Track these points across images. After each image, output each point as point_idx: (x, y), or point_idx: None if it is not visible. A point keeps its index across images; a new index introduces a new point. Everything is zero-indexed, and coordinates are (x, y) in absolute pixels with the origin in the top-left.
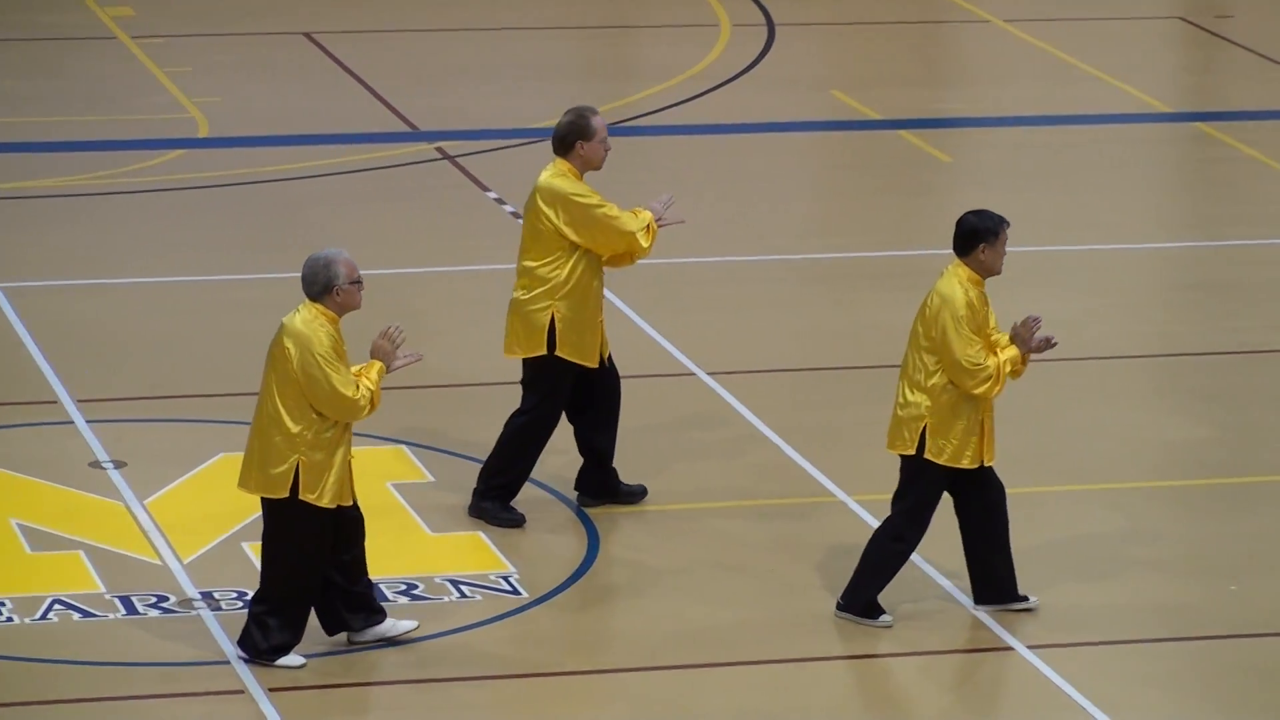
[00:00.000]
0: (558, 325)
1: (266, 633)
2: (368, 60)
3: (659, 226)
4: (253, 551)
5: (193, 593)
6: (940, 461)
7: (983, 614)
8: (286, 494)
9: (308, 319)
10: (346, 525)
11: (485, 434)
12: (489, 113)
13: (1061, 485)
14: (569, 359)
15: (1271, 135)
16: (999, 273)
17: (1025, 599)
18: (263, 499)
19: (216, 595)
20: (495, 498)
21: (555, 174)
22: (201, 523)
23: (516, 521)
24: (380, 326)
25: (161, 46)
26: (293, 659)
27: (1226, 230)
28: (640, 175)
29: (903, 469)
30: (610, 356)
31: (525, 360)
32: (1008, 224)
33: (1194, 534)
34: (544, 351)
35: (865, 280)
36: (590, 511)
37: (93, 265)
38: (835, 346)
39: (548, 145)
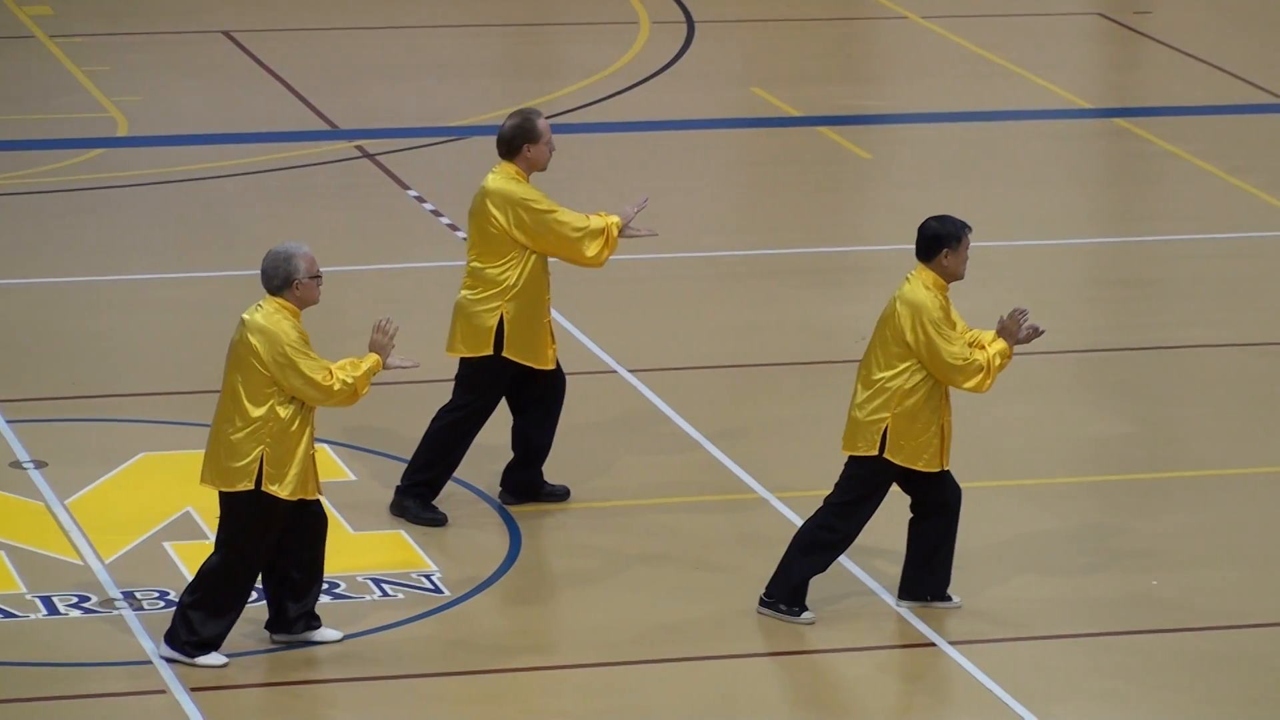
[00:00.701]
0: (506, 326)
1: (192, 626)
2: (287, 59)
3: (629, 236)
4: (175, 551)
5: (114, 592)
6: (898, 461)
7: (905, 610)
8: (251, 486)
9: (270, 313)
10: (309, 520)
11: (407, 432)
12: (409, 111)
13: (983, 481)
14: (515, 360)
15: (1190, 130)
16: (961, 277)
17: (950, 599)
18: (222, 493)
19: (138, 595)
20: (418, 496)
21: (505, 177)
22: (123, 522)
23: (438, 521)
24: (308, 323)
25: (80, 45)
26: (214, 658)
27: (1145, 226)
28: (561, 174)
29: (851, 466)
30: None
31: (464, 359)
32: (970, 229)
33: (1116, 529)
34: (490, 352)
35: (786, 277)
36: (513, 510)
37: (11, 265)
38: (756, 343)
39: (470, 143)
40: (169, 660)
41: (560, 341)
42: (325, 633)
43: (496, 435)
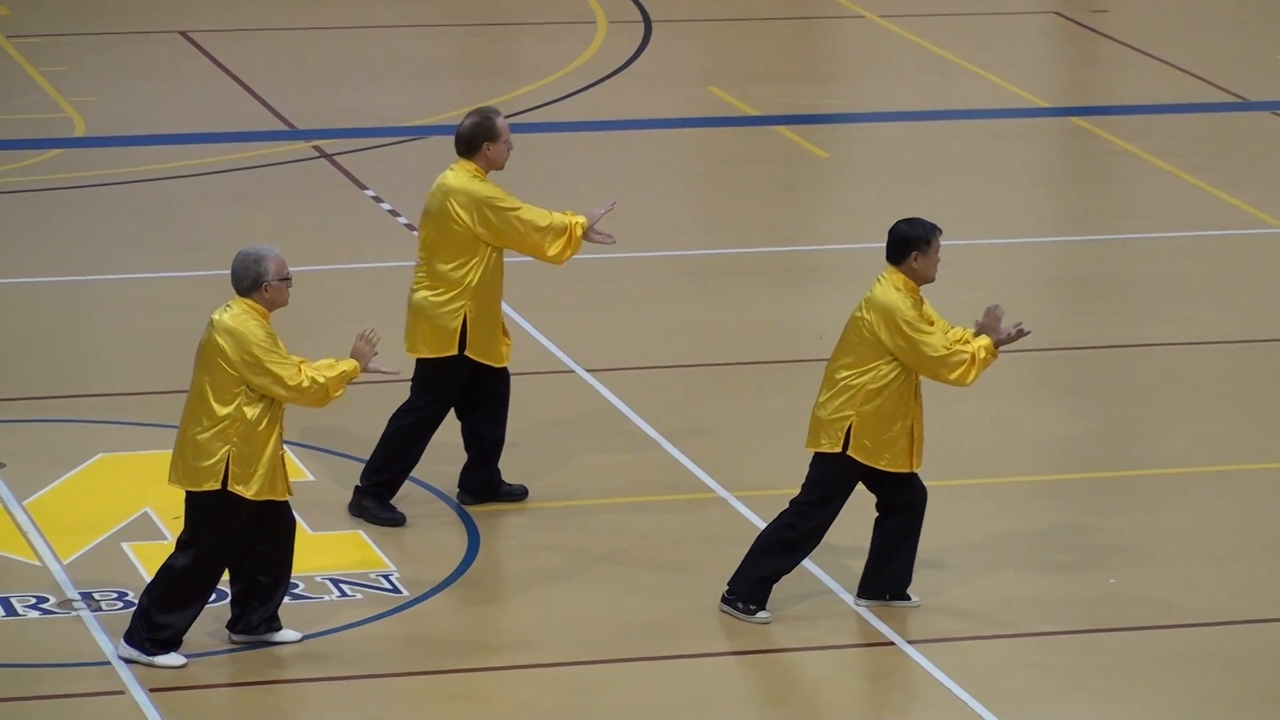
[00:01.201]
0: (469, 326)
1: (153, 625)
2: (245, 59)
3: (591, 240)
4: (133, 552)
5: (73, 593)
6: (860, 458)
7: (864, 609)
8: (217, 486)
9: (238, 314)
10: (277, 522)
11: (366, 432)
12: (367, 111)
13: (944, 480)
14: (476, 359)
15: (1148, 129)
16: (932, 280)
17: (909, 598)
18: (188, 493)
19: (97, 596)
20: (376, 496)
21: (466, 176)
22: (81, 523)
23: (397, 521)
24: (274, 324)
25: (37, 45)
26: (173, 658)
27: (1103, 224)
28: (518, 173)
29: (814, 463)
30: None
31: (422, 359)
32: (939, 231)
33: (1074, 528)
34: (454, 352)
35: (743, 276)
36: (471, 510)
37: None
38: (714, 343)
39: (427, 143)
40: (128, 660)
41: (519, 341)
42: (285, 633)
43: (454, 435)
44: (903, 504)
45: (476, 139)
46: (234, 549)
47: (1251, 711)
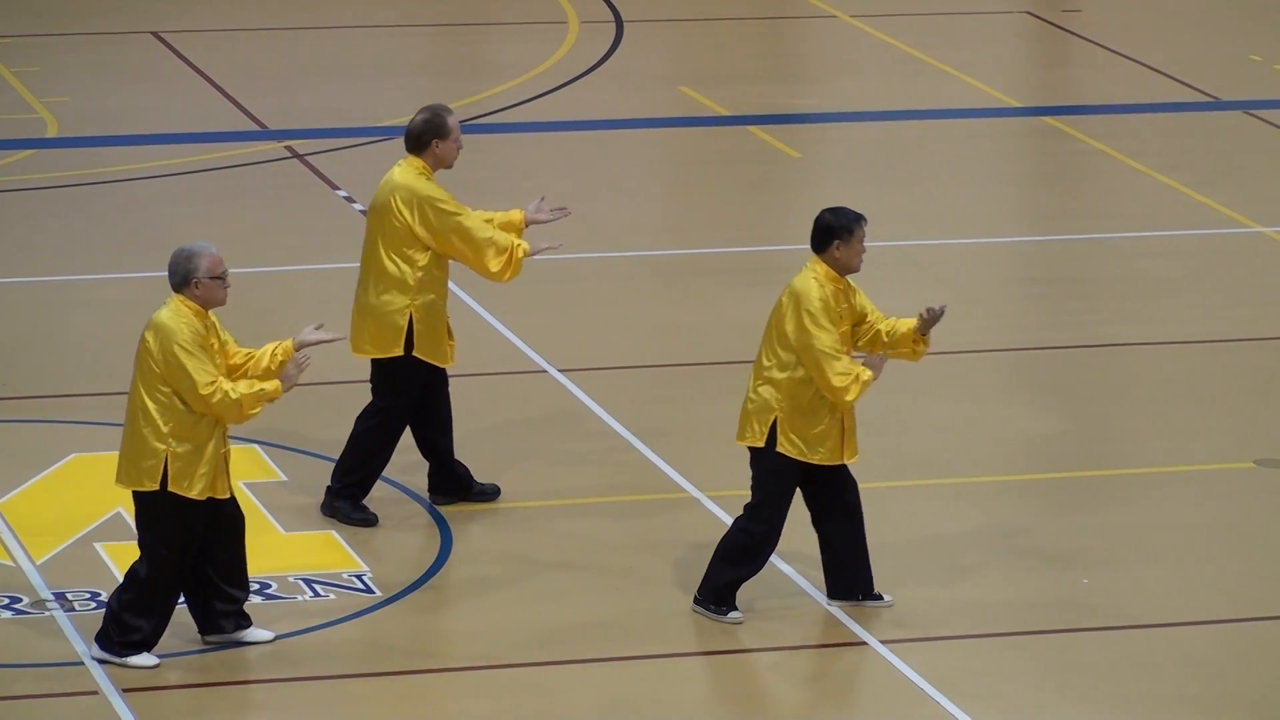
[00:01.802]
0: (415, 326)
1: (124, 628)
2: (216, 59)
3: (532, 255)
4: (106, 552)
5: (46, 594)
6: (791, 455)
7: (837, 609)
8: (157, 486)
9: (170, 311)
10: (224, 522)
11: (337, 432)
12: (338, 111)
13: (913, 480)
14: (425, 359)
15: (1119, 129)
16: (856, 270)
17: (880, 597)
18: (134, 493)
19: (70, 596)
20: (348, 497)
21: (413, 173)
22: (54, 523)
23: (369, 521)
24: (238, 324)
25: (9, 46)
26: (146, 659)
27: (1075, 224)
28: (489, 173)
29: (752, 463)
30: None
31: (376, 361)
32: (864, 221)
33: (1046, 528)
34: (400, 352)
35: (715, 276)
36: (443, 510)
37: None
38: (686, 343)
39: (398, 143)
40: (100, 661)
41: (491, 341)
42: (256, 633)
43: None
44: (838, 505)
45: (426, 135)
46: (189, 549)
47: (1225, 712)
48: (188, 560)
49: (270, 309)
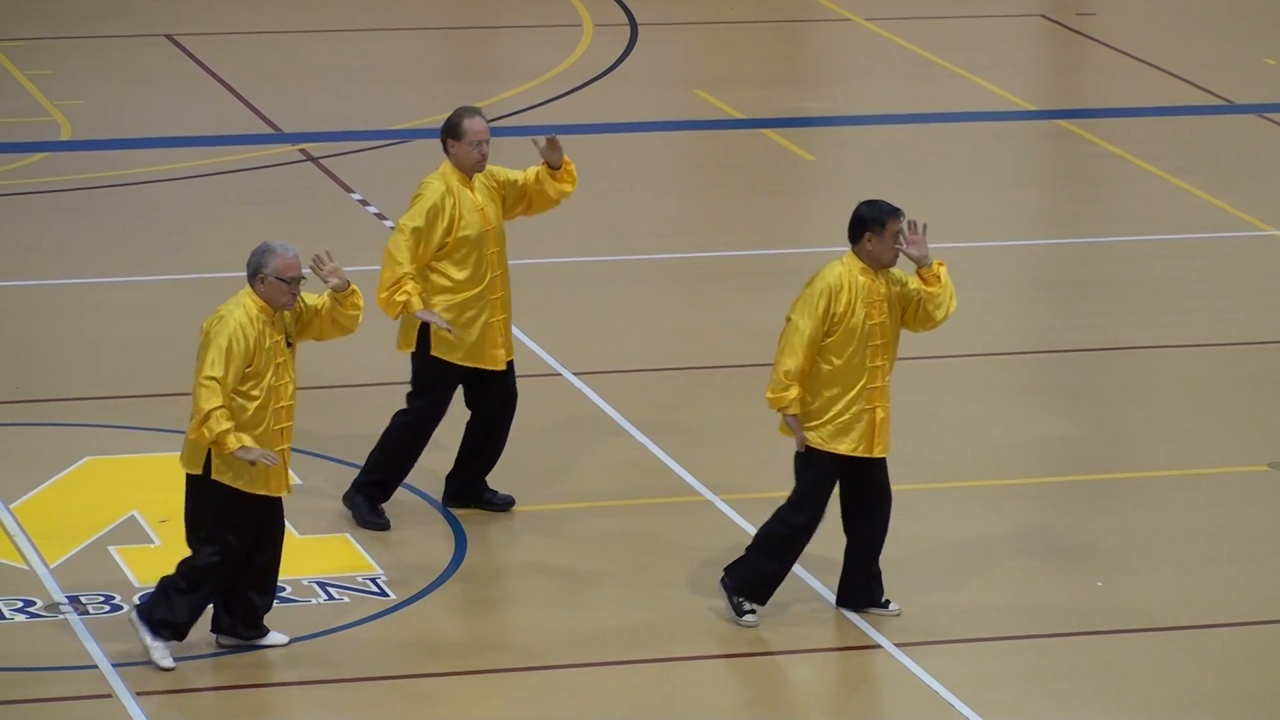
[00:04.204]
0: (431, 325)
1: (167, 606)
2: (230, 62)
3: (416, 315)
4: (120, 555)
5: (60, 597)
6: (819, 444)
7: (850, 614)
8: (200, 471)
9: (236, 300)
10: (269, 523)
11: (352, 435)
12: (353, 114)
13: (929, 483)
14: (445, 359)
15: (1133, 131)
16: (889, 264)
17: (887, 605)
18: (187, 474)
19: (84, 599)
20: (367, 495)
21: (435, 173)
22: (68, 527)
23: (381, 526)
24: None
25: (22, 49)
26: (165, 659)
27: (1088, 227)
28: None
29: (795, 456)
30: (511, 364)
31: (412, 357)
32: (900, 215)
33: (1059, 530)
34: (412, 348)
35: (729, 279)
36: (458, 513)
37: None
38: (700, 346)
39: (411, 146)
40: (134, 623)
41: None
42: (272, 636)
43: (445, 440)
44: (864, 508)
45: (442, 135)
46: (236, 545)
47: (1239, 714)
48: (230, 556)
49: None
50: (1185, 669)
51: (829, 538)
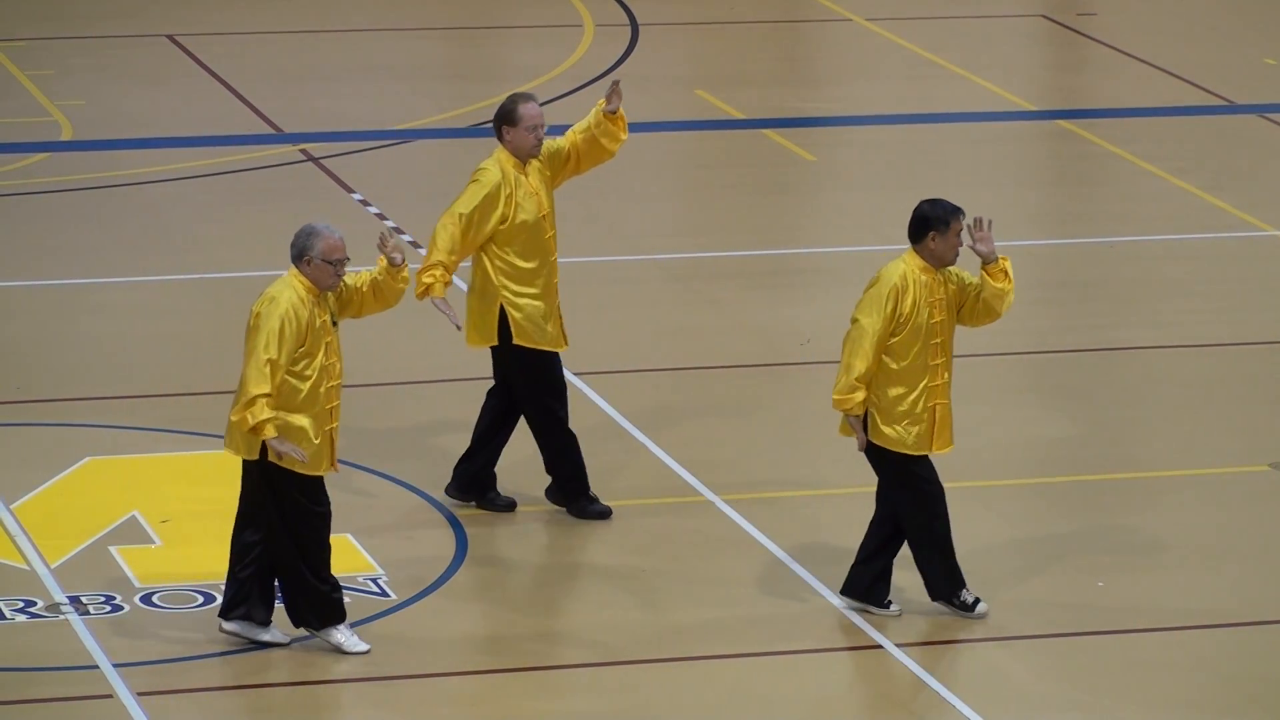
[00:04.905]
0: (509, 314)
1: (260, 599)
2: (231, 62)
3: (433, 300)
4: (121, 555)
5: (60, 597)
6: (886, 445)
7: (852, 614)
8: (255, 456)
9: (284, 281)
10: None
11: (356, 435)
12: (353, 115)
13: None
14: (528, 346)
15: (1134, 132)
16: (951, 263)
17: (888, 606)
18: (243, 461)
19: (84, 599)
20: (470, 488)
21: (490, 159)
22: (69, 527)
23: (507, 505)
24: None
25: (23, 49)
26: (277, 634)
27: (1090, 227)
28: None
29: (870, 457)
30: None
31: (490, 352)
32: (962, 214)
33: (1059, 531)
34: (495, 343)
35: (730, 280)
36: (459, 513)
37: None
38: (701, 346)
39: (413, 147)
40: (230, 634)
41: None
42: (273, 633)
43: (448, 440)
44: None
45: (496, 123)
46: (305, 522)
47: (1240, 716)
48: (306, 532)
49: None
50: (1186, 669)
51: (830, 535)
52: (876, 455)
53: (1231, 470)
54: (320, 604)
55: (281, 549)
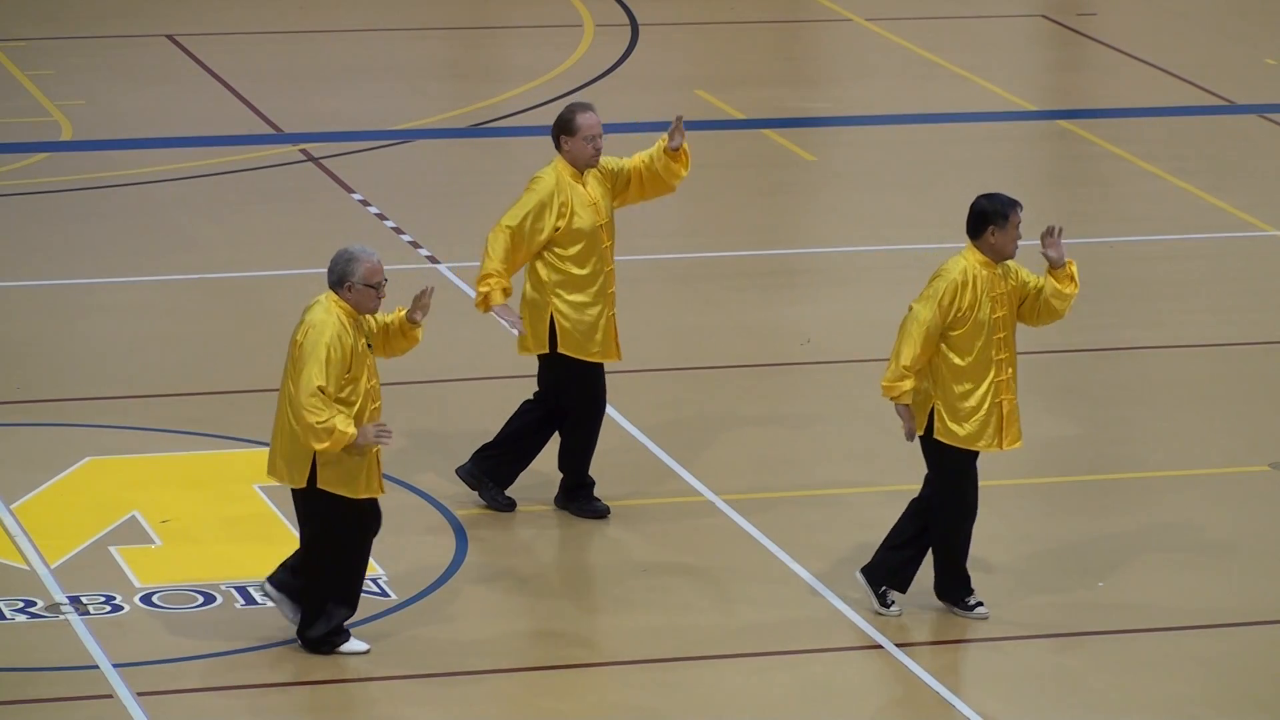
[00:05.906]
0: (557, 322)
1: (319, 621)
2: (231, 62)
3: (490, 309)
4: (121, 556)
5: (60, 597)
6: (954, 444)
7: (853, 614)
8: (304, 484)
9: (325, 307)
10: (375, 523)
11: None
12: (353, 115)
13: None
14: (573, 356)
15: (1134, 132)
16: (1011, 256)
17: (889, 606)
18: (292, 489)
19: (84, 600)
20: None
21: (549, 168)
22: (69, 527)
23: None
24: (251, 327)
25: (23, 49)
26: (356, 644)
27: (1089, 227)
28: (507, 177)
29: (923, 450)
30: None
31: (539, 360)
32: (1019, 207)
33: (1059, 531)
34: (545, 350)
35: (730, 280)
36: (459, 514)
37: None
38: (700, 347)
39: (413, 147)
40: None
41: (503, 345)
42: (291, 610)
43: (448, 439)
44: (920, 499)
45: (554, 134)
46: (355, 544)
47: (1239, 715)
48: (354, 556)
49: (285, 313)
50: (1185, 669)
51: (831, 536)
52: (937, 450)
53: (1232, 470)
54: (337, 630)
55: (319, 566)
